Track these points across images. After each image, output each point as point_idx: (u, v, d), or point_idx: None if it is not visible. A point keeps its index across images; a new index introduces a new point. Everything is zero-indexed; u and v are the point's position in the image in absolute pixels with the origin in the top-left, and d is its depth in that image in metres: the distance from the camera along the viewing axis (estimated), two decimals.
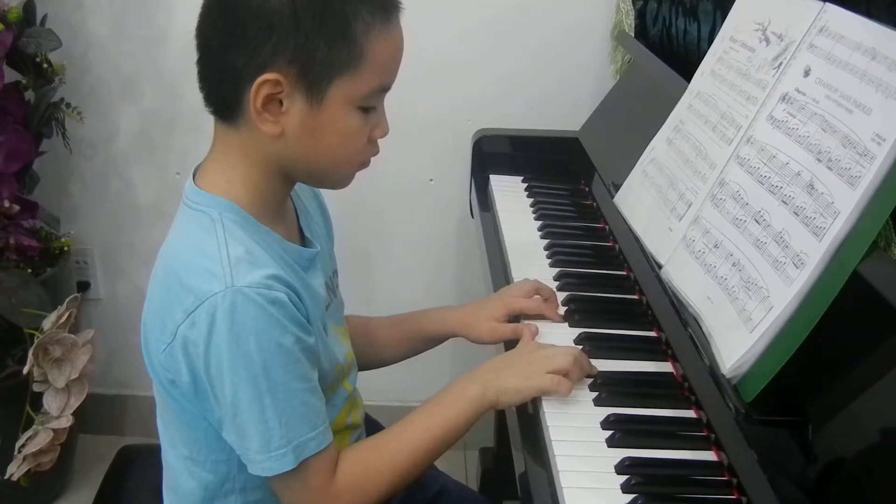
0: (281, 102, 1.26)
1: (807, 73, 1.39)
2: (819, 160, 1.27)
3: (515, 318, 1.68)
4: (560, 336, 1.61)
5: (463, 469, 2.80)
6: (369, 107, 1.31)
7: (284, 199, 1.42)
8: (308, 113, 1.27)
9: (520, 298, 1.70)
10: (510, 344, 1.61)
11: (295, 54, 1.23)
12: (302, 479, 1.30)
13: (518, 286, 1.74)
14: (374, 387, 1.83)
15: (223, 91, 1.29)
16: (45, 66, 2.41)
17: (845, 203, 1.19)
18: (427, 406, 1.44)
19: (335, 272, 1.57)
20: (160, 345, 1.28)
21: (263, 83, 1.24)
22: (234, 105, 1.29)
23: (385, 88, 1.33)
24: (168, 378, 1.31)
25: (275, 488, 1.34)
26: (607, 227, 2.00)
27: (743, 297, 1.32)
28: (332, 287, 1.52)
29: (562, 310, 1.70)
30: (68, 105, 2.51)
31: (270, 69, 1.24)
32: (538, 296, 1.70)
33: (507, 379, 1.43)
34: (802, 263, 1.22)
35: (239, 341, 1.22)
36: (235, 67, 1.25)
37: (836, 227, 1.19)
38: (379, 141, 1.38)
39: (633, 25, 2.39)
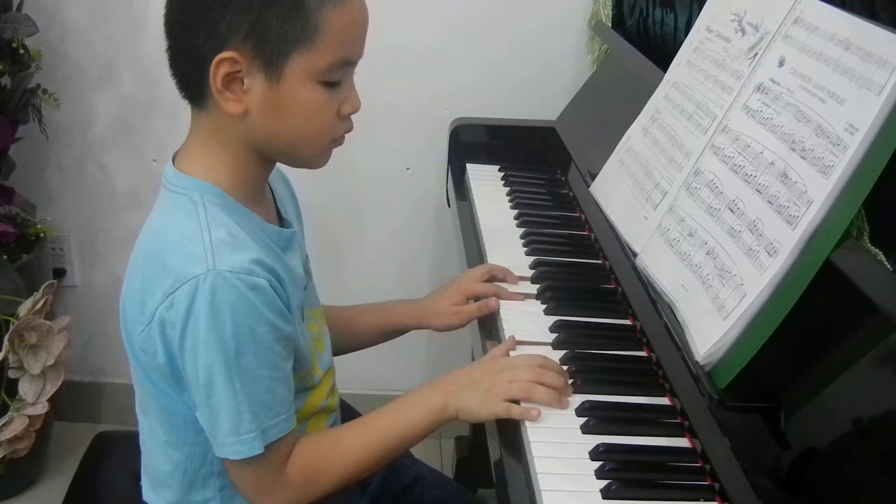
0: (242, 81, 1.26)
1: (781, 64, 1.40)
2: (793, 149, 1.28)
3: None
4: (536, 325, 1.63)
5: (438, 457, 2.80)
6: (333, 81, 1.30)
7: (264, 181, 1.42)
8: (269, 90, 1.27)
9: (473, 282, 1.74)
10: (485, 340, 1.63)
11: (248, 31, 1.24)
12: (259, 464, 1.31)
13: (471, 271, 1.78)
14: (351, 374, 1.83)
15: (189, 74, 1.30)
16: (22, 51, 2.39)
17: (818, 192, 1.20)
18: (389, 408, 1.44)
19: (307, 258, 1.57)
20: (138, 326, 1.29)
21: (221, 62, 1.24)
22: (200, 88, 1.29)
23: (348, 62, 1.32)
24: (146, 360, 1.31)
25: (230, 471, 1.35)
26: (583, 216, 2.00)
27: (717, 284, 1.33)
28: (308, 270, 1.53)
29: (525, 288, 1.74)
30: (45, 91, 2.50)
31: (227, 48, 1.24)
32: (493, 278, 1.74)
33: (467, 399, 1.41)
34: (776, 251, 1.23)
35: (216, 324, 1.22)
36: (197, 49, 1.26)
37: (810, 216, 1.20)
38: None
39: (611, 15, 2.40)
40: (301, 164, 1.41)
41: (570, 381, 1.45)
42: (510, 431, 1.38)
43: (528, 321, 1.63)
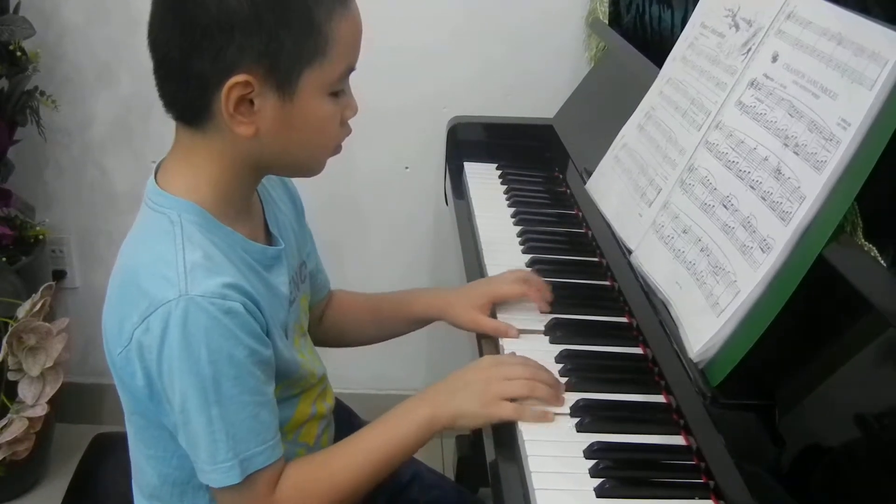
0: (252, 102, 1.23)
1: (775, 59, 1.40)
2: (786, 145, 1.28)
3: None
4: (532, 324, 1.62)
5: (439, 457, 2.80)
6: (339, 90, 1.29)
7: (250, 196, 1.39)
8: (281, 108, 1.25)
9: (503, 285, 1.68)
10: (480, 337, 1.62)
11: (261, 53, 1.21)
12: (245, 492, 1.28)
13: (506, 273, 1.72)
14: (349, 374, 1.83)
15: (188, 99, 1.26)
16: (19, 54, 2.39)
17: (811, 188, 1.20)
18: (376, 425, 1.41)
19: (304, 263, 1.55)
20: (117, 347, 1.26)
21: (233, 86, 1.21)
22: (201, 111, 1.26)
23: (352, 69, 1.30)
24: (128, 380, 1.29)
25: (216, 496, 1.32)
26: (581, 213, 2.00)
27: (710, 281, 1.32)
28: (297, 281, 1.49)
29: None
30: (42, 93, 2.50)
31: (238, 71, 1.21)
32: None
33: (464, 402, 1.38)
34: (769, 248, 1.23)
35: (190, 350, 1.20)
36: (200, 74, 1.22)
37: (803, 212, 1.20)
38: (355, 128, 1.36)
39: (608, 13, 2.40)
40: (302, 174, 1.40)
41: (566, 379, 1.44)
42: (505, 430, 1.37)
43: (524, 319, 1.63)
